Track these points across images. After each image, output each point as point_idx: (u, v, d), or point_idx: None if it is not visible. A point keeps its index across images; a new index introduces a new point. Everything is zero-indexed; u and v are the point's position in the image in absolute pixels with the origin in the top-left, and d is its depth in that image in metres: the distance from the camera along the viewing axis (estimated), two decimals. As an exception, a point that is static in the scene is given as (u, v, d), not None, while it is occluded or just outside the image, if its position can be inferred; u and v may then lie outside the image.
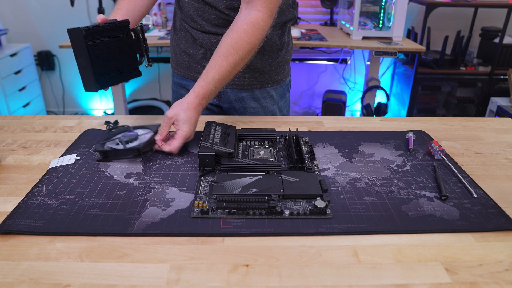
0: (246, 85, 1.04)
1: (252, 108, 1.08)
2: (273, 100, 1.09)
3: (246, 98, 1.06)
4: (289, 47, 1.09)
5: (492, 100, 2.58)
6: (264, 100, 1.08)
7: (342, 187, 0.70)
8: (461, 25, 2.82)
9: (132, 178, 0.72)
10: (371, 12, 2.44)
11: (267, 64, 1.03)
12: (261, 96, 1.07)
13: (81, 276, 0.50)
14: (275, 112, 1.11)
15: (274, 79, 1.07)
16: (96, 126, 0.95)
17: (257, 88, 1.06)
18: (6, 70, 2.52)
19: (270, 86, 1.07)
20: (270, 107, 1.09)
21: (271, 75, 1.06)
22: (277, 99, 1.10)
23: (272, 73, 1.06)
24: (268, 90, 1.07)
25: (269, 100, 1.09)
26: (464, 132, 0.94)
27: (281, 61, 1.06)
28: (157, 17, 2.69)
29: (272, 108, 1.10)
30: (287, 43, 1.07)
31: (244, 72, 1.02)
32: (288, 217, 0.61)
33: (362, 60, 2.98)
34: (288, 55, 1.10)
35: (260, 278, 0.50)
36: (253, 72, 1.03)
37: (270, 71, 1.05)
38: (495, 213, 0.63)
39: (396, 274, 0.51)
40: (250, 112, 1.08)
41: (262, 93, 1.07)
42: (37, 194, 0.67)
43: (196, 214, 0.62)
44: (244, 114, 1.09)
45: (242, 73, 1.02)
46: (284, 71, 1.09)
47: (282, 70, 1.08)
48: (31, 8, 2.82)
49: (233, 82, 1.04)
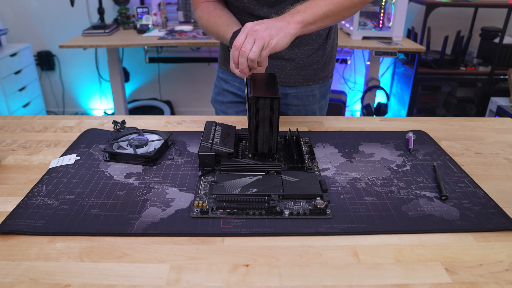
0: (292, 82, 1.05)
1: (294, 106, 1.09)
2: (315, 99, 1.10)
3: (290, 95, 1.07)
4: (335, 43, 1.09)
5: (492, 100, 2.58)
6: (307, 99, 1.08)
7: (342, 187, 0.70)
8: (461, 25, 2.82)
9: (132, 178, 0.72)
10: (371, 12, 2.44)
11: (314, 62, 1.04)
12: (305, 94, 1.07)
13: (81, 276, 0.50)
14: (315, 111, 1.11)
15: (319, 76, 1.07)
16: (96, 126, 0.95)
17: (302, 86, 1.06)
18: (6, 70, 2.52)
19: (315, 84, 1.07)
20: (312, 105, 1.10)
21: (317, 72, 1.06)
22: (319, 98, 1.11)
23: (318, 71, 1.06)
24: (312, 88, 1.08)
25: (312, 98, 1.09)
26: (464, 132, 0.94)
27: (327, 58, 1.06)
28: (157, 17, 2.69)
29: (313, 107, 1.10)
30: (333, 38, 1.07)
31: (291, 69, 1.03)
32: (288, 217, 0.61)
33: (362, 60, 2.98)
34: (333, 51, 1.10)
35: (260, 278, 0.50)
36: (300, 70, 1.04)
37: (316, 69, 1.05)
38: (495, 213, 0.63)
39: (396, 274, 0.51)
40: (292, 109, 1.09)
41: (306, 91, 1.07)
42: (37, 194, 0.67)
43: (196, 214, 0.62)
44: (286, 111, 1.09)
45: (289, 71, 1.03)
46: (329, 68, 1.09)
47: (327, 67, 1.08)
48: (31, 8, 2.82)
49: (279, 79, 1.05)
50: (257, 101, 0.69)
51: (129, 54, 2.97)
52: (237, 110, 1.12)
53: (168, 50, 2.96)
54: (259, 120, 0.71)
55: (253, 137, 0.73)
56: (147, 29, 2.51)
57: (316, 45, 1.02)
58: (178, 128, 0.96)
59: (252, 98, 0.69)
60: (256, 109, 0.70)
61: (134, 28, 2.56)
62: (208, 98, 3.16)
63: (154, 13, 2.69)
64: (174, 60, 3.00)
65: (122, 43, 2.23)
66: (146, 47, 2.92)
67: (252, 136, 0.73)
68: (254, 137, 0.73)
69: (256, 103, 0.69)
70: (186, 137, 0.89)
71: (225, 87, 1.11)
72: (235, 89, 1.09)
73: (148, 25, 2.54)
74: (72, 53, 2.96)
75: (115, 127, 0.92)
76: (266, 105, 0.70)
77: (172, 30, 2.51)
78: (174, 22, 2.76)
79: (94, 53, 2.94)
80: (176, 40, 2.27)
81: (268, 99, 0.69)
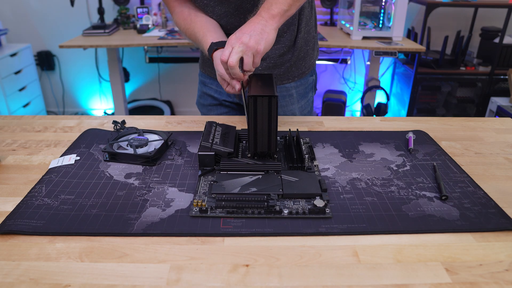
0: None
1: None
2: (293, 99, 1.06)
3: None
4: (310, 37, 1.03)
5: (492, 100, 2.58)
6: (283, 99, 1.05)
7: (342, 187, 0.70)
8: (461, 25, 2.82)
9: (132, 178, 0.72)
10: (371, 12, 2.43)
11: (287, 60, 1.00)
12: (280, 94, 1.04)
13: (81, 276, 0.50)
14: (295, 112, 1.07)
15: (294, 74, 1.03)
16: (96, 126, 0.95)
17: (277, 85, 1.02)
18: (6, 70, 2.52)
19: (290, 82, 1.04)
20: (289, 106, 1.06)
21: (291, 69, 1.02)
22: (297, 98, 1.06)
23: (291, 68, 1.02)
24: (287, 88, 1.04)
25: (288, 99, 1.05)
26: (464, 132, 0.94)
27: (300, 53, 1.02)
28: (157, 17, 2.69)
29: (292, 108, 1.06)
30: (306, 32, 1.01)
31: (263, 70, 1.00)
32: (287, 216, 0.61)
33: (362, 60, 2.98)
34: (309, 45, 1.04)
35: (260, 278, 0.50)
36: (272, 69, 1.01)
37: (290, 66, 1.02)
38: (495, 213, 0.63)
39: (396, 274, 0.51)
40: None
41: (282, 91, 1.04)
42: (37, 194, 0.67)
43: (195, 213, 0.62)
44: None
45: (261, 71, 1.00)
46: (304, 64, 1.04)
47: (302, 63, 1.04)
48: (31, 8, 2.82)
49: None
50: (255, 100, 0.69)
51: (129, 54, 2.97)
52: (218, 113, 1.11)
53: (168, 50, 2.96)
54: (257, 119, 0.71)
55: (252, 137, 0.73)
56: (147, 29, 2.51)
57: (287, 42, 0.99)
58: (178, 128, 0.96)
59: (250, 97, 0.69)
60: (254, 108, 0.70)
61: (134, 28, 2.56)
62: (208, 98, 3.16)
63: (154, 13, 2.69)
64: (174, 60, 3.00)
65: (122, 43, 2.23)
66: (146, 47, 2.92)
67: (251, 136, 0.73)
68: (253, 137, 0.73)
69: (254, 102, 0.69)
70: (186, 137, 0.89)
71: (204, 90, 1.11)
72: (213, 91, 1.09)
73: (148, 25, 2.54)
74: (72, 53, 2.96)
75: (115, 127, 0.92)
76: (264, 104, 0.70)
77: (172, 30, 2.51)
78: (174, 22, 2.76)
79: (94, 53, 2.95)
80: (176, 40, 2.27)
81: (266, 97, 0.69)
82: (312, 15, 1.04)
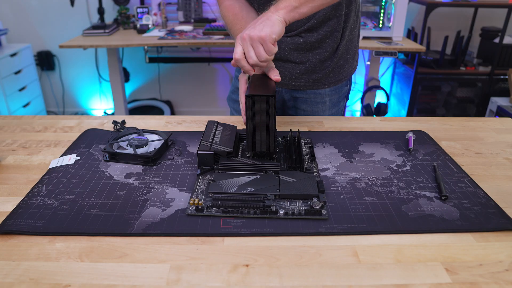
0: (302, 86, 1.04)
1: (303, 111, 1.07)
2: (325, 106, 1.07)
3: (299, 100, 1.06)
4: (352, 46, 1.03)
5: (492, 100, 2.58)
6: (316, 105, 1.06)
7: (342, 187, 0.70)
8: (461, 25, 2.82)
9: (132, 178, 0.72)
10: (371, 12, 2.44)
11: (326, 66, 1.01)
12: (314, 100, 1.05)
13: (81, 276, 0.50)
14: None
15: (330, 80, 1.04)
16: (96, 126, 0.95)
17: (311, 90, 1.04)
18: (6, 70, 2.52)
19: (326, 87, 1.04)
20: (321, 112, 1.07)
21: (328, 75, 1.03)
22: (329, 106, 1.07)
23: (329, 74, 1.03)
24: (322, 94, 1.05)
25: (321, 105, 1.06)
26: (464, 132, 0.94)
27: (339, 60, 1.02)
28: (157, 17, 2.69)
29: (322, 115, 1.07)
30: (348, 40, 1.02)
31: (301, 73, 1.01)
32: (283, 217, 0.61)
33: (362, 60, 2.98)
34: (350, 54, 1.04)
35: (260, 278, 0.50)
36: (310, 74, 1.02)
37: (328, 72, 1.02)
38: (495, 213, 0.63)
39: (396, 274, 0.51)
40: (301, 114, 1.07)
41: (316, 97, 1.05)
42: (37, 194, 0.67)
43: (191, 212, 0.62)
44: (295, 115, 1.08)
45: (299, 74, 1.02)
46: (343, 71, 1.05)
47: (340, 70, 1.04)
48: (31, 8, 2.82)
49: (289, 83, 1.03)
50: (252, 100, 0.69)
51: (129, 54, 2.97)
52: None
53: (168, 50, 2.96)
54: (255, 118, 0.71)
55: (251, 136, 0.73)
56: (147, 29, 2.51)
57: (329, 48, 0.99)
58: (178, 128, 0.96)
59: (247, 96, 0.69)
60: (252, 108, 0.70)
61: (134, 28, 2.56)
62: (208, 98, 3.16)
63: (154, 13, 2.69)
64: (174, 60, 3.00)
65: (122, 43, 2.23)
66: (146, 47, 2.92)
67: (250, 135, 0.73)
68: (251, 136, 0.73)
69: (252, 101, 0.69)
70: (186, 137, 0.89)
71: (238, 85, 1.11)
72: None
73: (148, 25, 2.54)
74: (72, 53, 2.96)
75: (115, 127, 0.92)
76: (262, 104, 0.70)
77: (172, 30, 2.51)
78: (174, 22, 2.76)
79: (94, 53, 2.94)
80: (176, 40, 2.27)
81: (264, 97, 0.69)
82: (357, 25, 1.04)
